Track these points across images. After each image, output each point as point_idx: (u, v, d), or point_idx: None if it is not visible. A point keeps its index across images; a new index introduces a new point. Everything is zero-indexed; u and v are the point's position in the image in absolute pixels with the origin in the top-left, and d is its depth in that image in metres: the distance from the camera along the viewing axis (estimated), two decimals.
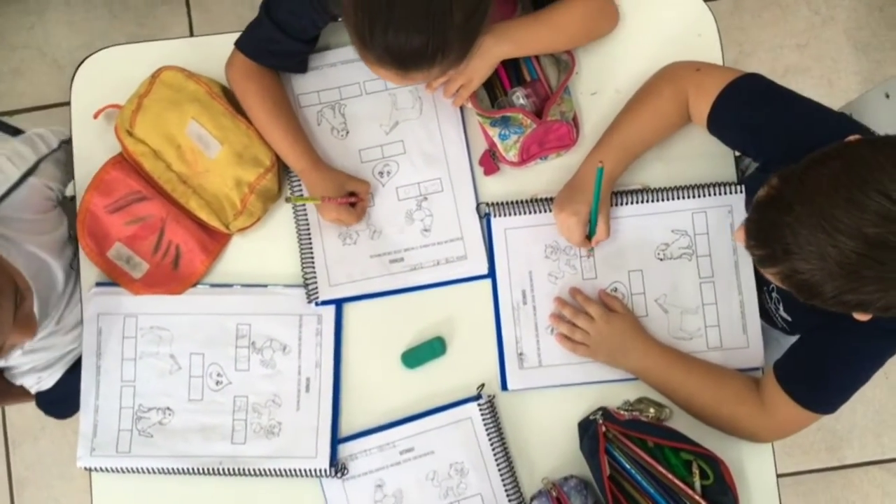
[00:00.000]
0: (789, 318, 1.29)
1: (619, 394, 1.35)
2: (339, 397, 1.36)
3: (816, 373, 1.20)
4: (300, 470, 1.33)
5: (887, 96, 1.48)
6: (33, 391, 1.61)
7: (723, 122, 1.25)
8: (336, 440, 1.34)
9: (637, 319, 1.33)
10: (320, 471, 1.32)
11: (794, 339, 1.28)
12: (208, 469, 1.33)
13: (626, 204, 1.35)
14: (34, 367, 1.54)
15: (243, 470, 1.33)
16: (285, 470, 1.33)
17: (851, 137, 0.98)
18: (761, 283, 1.33)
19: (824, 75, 2.34)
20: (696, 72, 1.28)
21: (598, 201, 1.23)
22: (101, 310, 1.38)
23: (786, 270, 0.97)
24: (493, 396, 1.35)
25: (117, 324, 1.37)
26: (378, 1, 1.05)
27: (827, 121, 1.14)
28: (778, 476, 1.35)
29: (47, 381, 1.58)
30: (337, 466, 1.32)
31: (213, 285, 1.38)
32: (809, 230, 0.92)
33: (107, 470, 1.35)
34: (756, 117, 1.21)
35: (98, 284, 1.39)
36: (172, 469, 1.34)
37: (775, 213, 0.96)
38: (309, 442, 1.33)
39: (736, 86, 1.23)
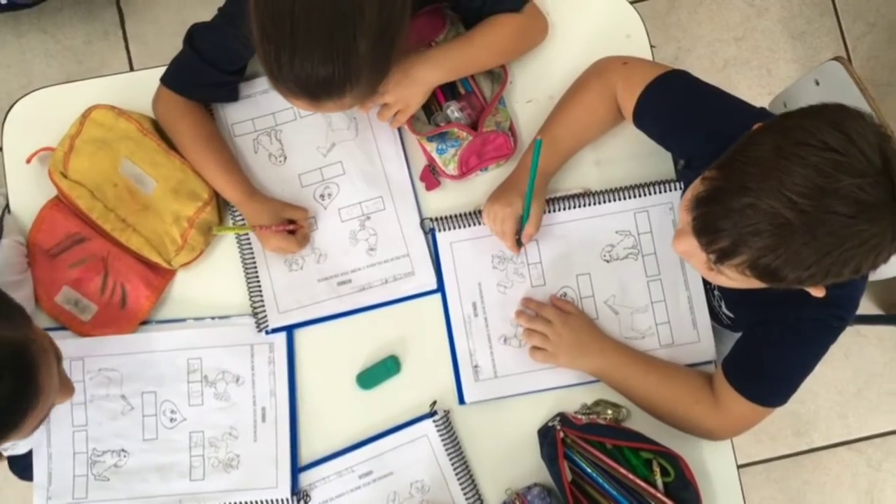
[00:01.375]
0: (732, 315, 1.31)
1: (576, 398, 1.35)
2: (297, 425, 1.35)
3: (762, 368, 1.21)
4: (262, 501, 1.31)
5: (817, 83, 1.51)
6: (6, 454, 1.57)
7: (647, 116, 1.26)
8: (296, 468, 1.33)
9: (591, 319, 1.34)
10: (282, 501, 1.31)
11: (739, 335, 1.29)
12: None
13: (569, 209, 1.36)
14: None
15: None
16: (247, 503, 1.31)
17: (758, 125, 0.99)
18: (705, 280, 1.34)
19: (763, 65, 2.38)
20: (624, 65, 1.29)
21: (534, 175, 1.22)
22: None
23: (751, 256, 0.95)
24: (449, 411, 1.34)
25: (64, 369, 1.35)
26: (282, 31, 1.05)
27: (747, 116, 1.15)
28: (739, 467, 1.36)
29: (21, 446, 1.55)
30: (299, 495, 1.31)
31: (160, 321, 1.37)
32: (770, 202, 0.91)
33: None
34: (679, 113, 1.22)
35: (45, 330, 1.36)
36: None
37: (727, 200, 0.95)
38: (269, 472, 1.31)
39: (660, 81, 1.24)
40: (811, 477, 2.28)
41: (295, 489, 1.32)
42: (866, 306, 2.31)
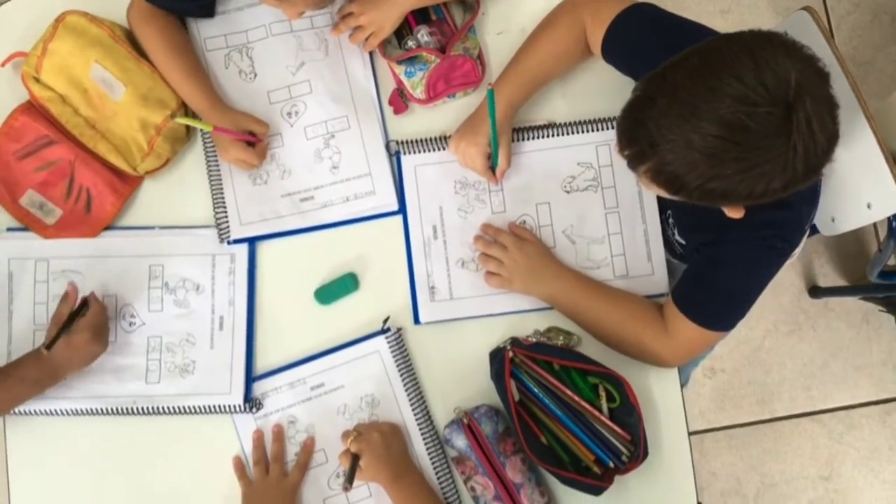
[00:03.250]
0: (683, 242, 1.33)
1: (529, 324, 1.37)
2: (253, 335, 1.36)
3: (708, 291, 1.24)
4: (214, 406, 1.33)
5: (786, 34, 1.52)
6: None
7: (615, 49, 1.28)
8: (251, 377, 1.35)
9: (547, 247, 1.36)
10: (234, 406, 1.33)
11: None
12: (122, 409, 1.33)
13: (533, 139, 1.38)
14: None
15: (158, 409, 1.33)
16: (200, 407, 1.33)
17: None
18: (661, 209, 1.36)
19: None
20: (592, 0, 1.31)
21: (494, 124, 1.25)
22: (12, 254, 1.37)
23: (654, 165, 1.00)
24: (401, 329, 1.36)
25: (28, 268, 1.37)
26: None
27: None
28: (700, 432, 1.38)
29: None
30: (251, 403, 1.33)
31: (124, 228, 1.38)
32: (672, 120, 0.95)
33: (21, 413, 1.34)
34: (646, 43, 1.24)
35: (9, 230, 1.38)
36: (86, 410, 1.33)
37: (640, 111, 1.00)
38: (223, 379, 1.33)
39: (628, 13, 1.26)
40: (772, 446, 2.30)
41: (248, 397, 1.33)
42: (833, 279, 2.33)
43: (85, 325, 1.26)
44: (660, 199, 1.36)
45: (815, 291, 2.31)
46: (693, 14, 2.38)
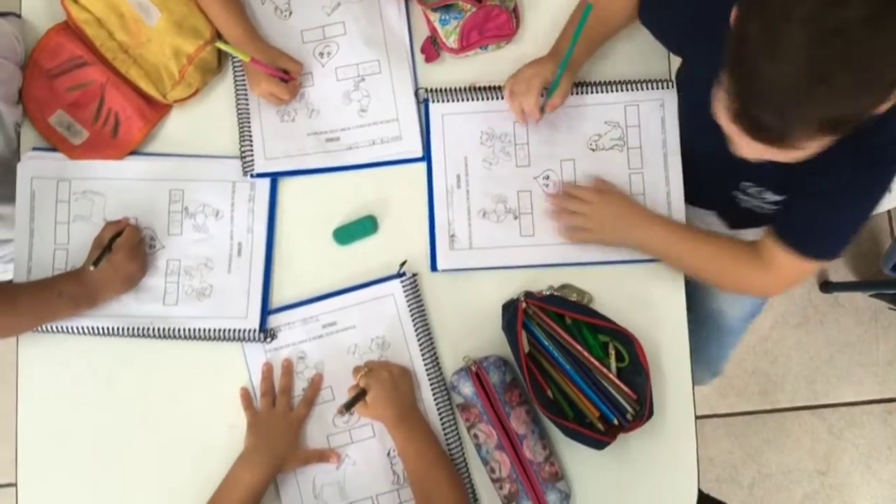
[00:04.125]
0: (779, 198, 1.28)
1: (544, 280, 1.37)
2: (272, 263, 1.37)
3: (813, 221, 1.20)
4: (230, 331, 1.34)
5: None
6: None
7: (652, 12, 1.27)
8: (266, 305, 1.36)
9: (629, 196, 1.36)
10: (250, 332, 1.34)
11: None
12: (140, 329, 1.34)
13: None
14: (2, 257, 1.56)
15: (174, 331, 1.34)
16: (215, 331, 1.34)
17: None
18: (733, 185, 1.34)
19: None
20: None
21: (576, 40, 1.21)
22: (35, 173, 1.38)
23: (813, 125, 0.92)
24: (416, 274, 1.37)
25: (51, 187, 1.38)
26: None
27: None
28: (701, 417, 1.38)
29: (3, 273, 1.59)
30: (266, 332, 1.34)
31: (148, 154, 1.39)
32: (788, 69, 0.88)
33: (40, 329, 1.35)
34: (682, 7, 1.23)
35: (34, 149, 1.39)
36: (105, 329, 1.34)
37: (758, 97, 0.92)
38: (240, 303, 1.34)
39: None
40: (772, 436, 2.31)
41: (263, 325, 1.34)
42: (845, 274, 2.33)
43: (122, 243, 1.29)
44: (732, 175, 1.32)
45: (826, 286, 2.31)
46: None
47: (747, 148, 1.00)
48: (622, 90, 1.38)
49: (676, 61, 1.41)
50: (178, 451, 1.35)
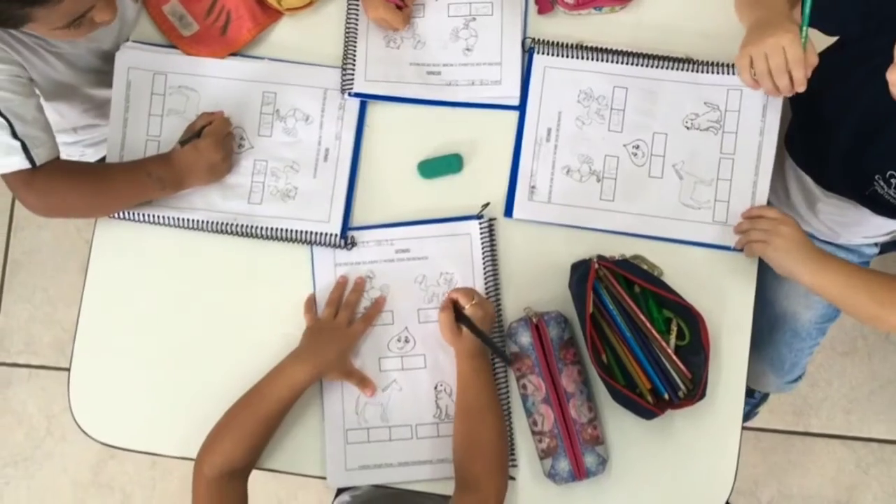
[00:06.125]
0: None
1: (616, 247, 1.37)
2: (357, 172, 1.39)
3: None
4: (311, 234, 1.35)
5: None
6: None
7: None
8: (349, 213, 1.37)
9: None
10: (331, 237, 1.35)
11: None
12: (222, 224, 1.36)
13: (666, 69, 1.38)
14: (82, 140, 1.59)
15: (256, 229, 1.36)
16: (297, 232, 1.36)
17: None
18: (871, 176, 1.31)
19: None
20: None
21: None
22: (133, 64, 1.40)
23: None
24: (495, 219, 1.37)
25: (146, 79, 1.40)
26: None
27: None
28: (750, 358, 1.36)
29: (91, 156, 1.62)
30: (347, 238, 1.35)
31: (250, 56, 1.41)
32: None
33: (127, 219, 1.38)
34: None
35: (132, 41, 1.41)
36: (188, 221, 1.36)
37: None
38: (323, 207, 1.36)
39: None
40: (798, 459, 2.28)
41: (345, 231, 1.36)
42: None
43: (210, 131, 1.31)
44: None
45: None
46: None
47: None
48: (728, 73, 1.37)
49: None
50: (228, 351, 1.37)
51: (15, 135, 1.18)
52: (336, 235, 1.35)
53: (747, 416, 2.01)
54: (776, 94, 1.23)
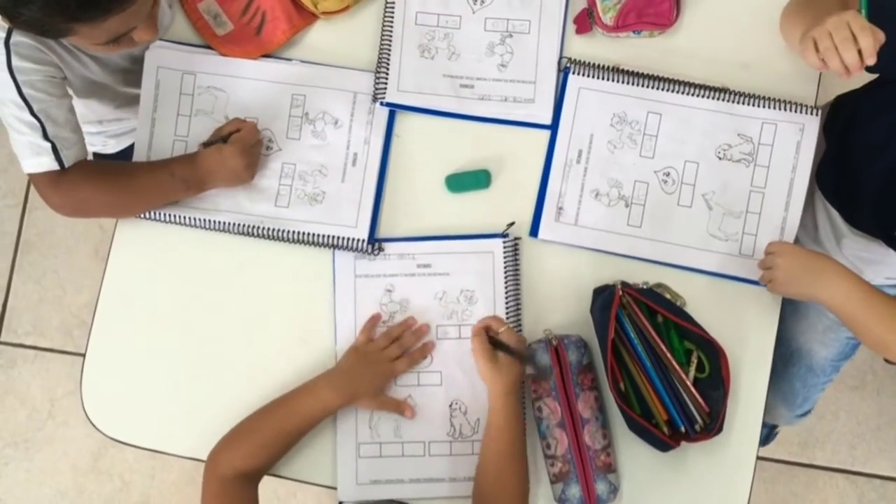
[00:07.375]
0: None
1: (640, 274, 1.36)
2: (385, 177, 1.38)
3: None
4: (339, 238, 1.34)
5: None
6: (93, 150, 1.64)
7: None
8: (377, 218, 1.36)
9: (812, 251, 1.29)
10: (358, 242, 1.34)
11: None
12: (249, 227, 1.35)
13: (702, 97, 1.36)
14: (106, 131, 1.57)
15: (282, 232, 1.35)
16: (324, 237, 1.35)
17: None
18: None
19: None
20: None
21: None
22: (162, 63, 1.39)
23: None
24: (519, 239, 1.36)
25: (175, 79, 1.39)
26: None
27: None
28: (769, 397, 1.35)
29: (112, 147, 1.61)
30: (374, 244, 1.34)
31: (282, 58, 1.40)
32: None
33: (151, 219, 1.37)
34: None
35: (162, 40, 1.40)
36: (215, 223, 1.35)
37: None
38: (350, 212, 1.35)
39: None
40: (800, 490, 2.27)
41: (372, 237, 1.35)
42: None
43: (238, 138, 1.30)
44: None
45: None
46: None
47: None
48: (764, 106, 1.36)
49: (825, 88, 1.39)
50: (243, 355, 1.36)
51: (46, 136, 1.18)
52: (364, 241, 1.34)
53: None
54: (845, 73, 1.10)
